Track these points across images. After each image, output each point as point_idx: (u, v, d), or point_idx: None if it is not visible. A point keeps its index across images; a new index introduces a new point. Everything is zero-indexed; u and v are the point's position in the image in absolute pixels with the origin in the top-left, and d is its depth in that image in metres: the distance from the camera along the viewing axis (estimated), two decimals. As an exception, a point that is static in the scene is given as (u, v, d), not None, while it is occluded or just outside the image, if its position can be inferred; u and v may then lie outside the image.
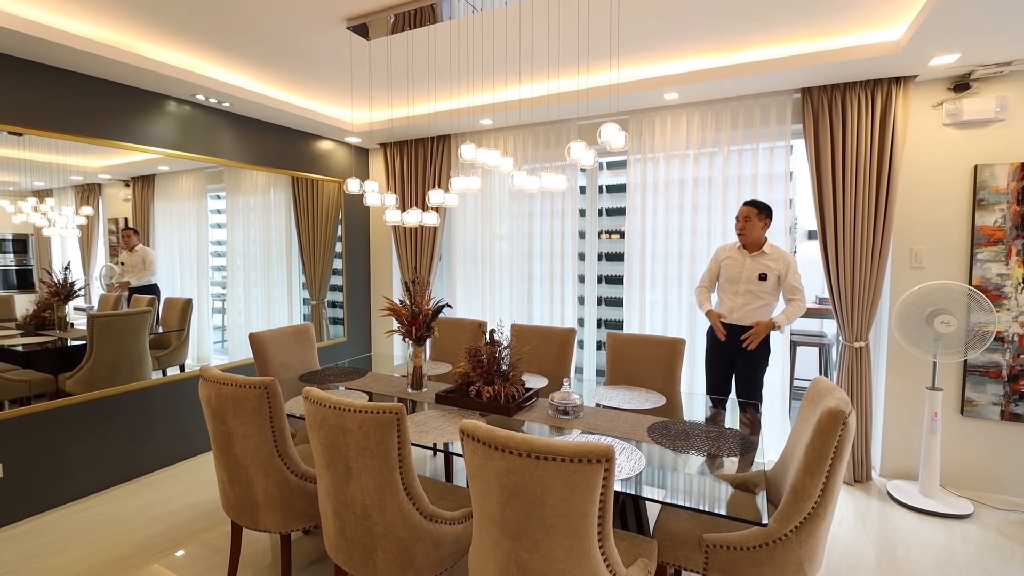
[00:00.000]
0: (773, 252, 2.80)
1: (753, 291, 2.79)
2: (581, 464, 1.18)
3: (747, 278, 2.81)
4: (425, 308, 2.40)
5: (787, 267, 2.76)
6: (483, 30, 2.59)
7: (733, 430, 1.98)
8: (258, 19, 2.48)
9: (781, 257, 2.79)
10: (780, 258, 2.79)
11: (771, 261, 2.79)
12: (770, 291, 2.79)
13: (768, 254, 2.80)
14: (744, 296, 2.82)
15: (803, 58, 2.82)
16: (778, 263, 2.78)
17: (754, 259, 2.81)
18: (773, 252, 2.80)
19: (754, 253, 2.83)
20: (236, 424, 1.84)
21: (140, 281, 3.29)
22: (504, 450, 1.24)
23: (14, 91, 2.58)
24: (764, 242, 2.83)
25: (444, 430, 1.98)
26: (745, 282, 2.81)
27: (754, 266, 2.80)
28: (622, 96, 3.28)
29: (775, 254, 2.80)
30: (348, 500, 1.59)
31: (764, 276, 2.77)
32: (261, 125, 3.87)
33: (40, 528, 2.59)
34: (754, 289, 2.79)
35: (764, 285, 2.77)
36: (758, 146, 3.26)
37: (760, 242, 2.83)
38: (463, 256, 4.39)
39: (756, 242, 2.82)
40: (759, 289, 2.78)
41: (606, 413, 2.15)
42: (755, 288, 2.79)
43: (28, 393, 2.70)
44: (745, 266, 2.82)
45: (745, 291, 2.81)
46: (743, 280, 2.82)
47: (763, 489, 1.59)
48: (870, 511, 2.78)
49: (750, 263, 2.82)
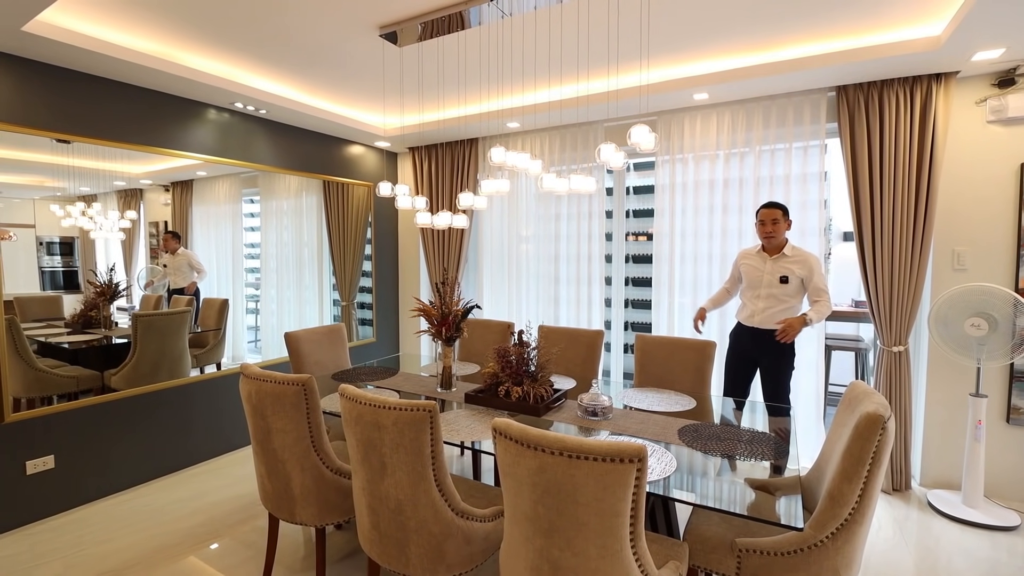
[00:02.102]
0: (795, 254, 2.75)
1: (775, 295, 2.74)
2: (614, 463, 1.19)
3: (768, 282, 2.76)
4: (455, 309, 2.43)
5: (810, 270, 2.69)
6: (512, 34, 2.62)
7: (766, 434, 1.95)
8: (295, 29, 2.56)
9: (804, 260, 2.72)
10: (803, 260, 2.72)
11: (792, 264, 2.72)
12: (793, 294, 2.72)
13: (789, 256, 2.74)
14: (766, 300, 2.77)
15: (838, 56, 2.76)
16: (800, 266, 2.71)
17: (775, 262, 2.76)
18: (795, 254, 2.75)
19: (775, 256, 2.77)
20: (275, 419, 1.90)
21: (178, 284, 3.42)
22: (537, 448, 1.26)
23: (64, 100, 2.72)
24: (785, 243, 2.79)
25: (474, 429, 2.00)
26: (766, 286, 2.76)
27: (775, 269, 2.75)
28: (650, 97, 3.27)
29: (797, 256, 2.74)
30: (382, 495, 1.63)
31: (785, 279, 2.71)
32: (295, 131, 3.98)
33: (89, 517, 2.71)
34: (776, 293, 2.74)
35: (786, 288, 2.72)
36: (791, 146, 3.20)
37: (782, 244, 2.78)
38: (490, 258, 4.43)
39: (779, 245, 2.78)
40: (781, 292, 2.73)
41: (635, 415, 2.15)
42: (777, 291, 2.74)
43: (76, 388, 2.83)
44: (766, 269, 2.77)
45: (767, 295, 2.76)
46: (764, 284, 2.77)
47: (798, 494, 1.56)
48: (909, 520, 2.69)
49: (771, 266, 2.76)
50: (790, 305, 2.74)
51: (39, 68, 2.61)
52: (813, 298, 2.72)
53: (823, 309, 2.67)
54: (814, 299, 2.71)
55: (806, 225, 3.20)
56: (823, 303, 2.68)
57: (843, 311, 3.92)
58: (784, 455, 1.78)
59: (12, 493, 2.57)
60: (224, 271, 3.63)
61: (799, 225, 3.21)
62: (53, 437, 2.71)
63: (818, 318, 2.67)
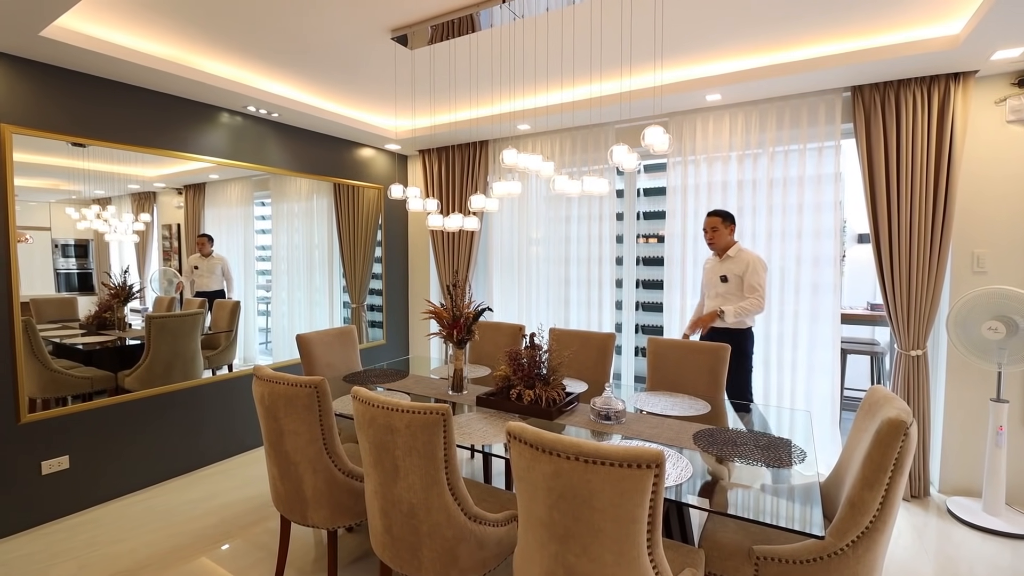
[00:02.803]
0: (737, 255, 2.95)
1: (721, 293, 2.96)
2: (631, 469, 1.17)
3: (715, 282, 3.00)
4: (466, 312, 2.42)
5: (746, 267, 2.89)
6: (524, 35, 2.61)
7: (783, 439, 1.92)
8: (307, 32, 2.57)
9: (743, 260, 2.92)
10: (743, 260, 2.92)
11: (733, 264, 2.93)
12: (735, 292, 2.92)
13: (732, 257, 2.95)
14: (714, 300, 3.00)
15: (854, 55, 2.72)
16: (739, 265, 2.91)
17: (722, 263, 2.99)
18: (737, 255, 2.95)
19: (722, 259, 3.00)
20: (287, 421, 1.90)
21: (209, 287, 3.46)
22: (552, 453, 1.24)
23: (80, 104, 2.75)
24: (730, 246, 2.98)
25: (486, 432, 1.99)
26: (713, 286, 3.01)
27: (719, 270, 2.99)
28: (663, 98, 3.24)
29: (739, 257, 2.94)
30: (395, 499, 1.62)
31: (725, 278, 2.95)
32: (306, 134, 4.00)
33: (103, 517, 2.73)
34: (721, 291, 2.97)
35: (728, 287, 2.94)
36: (805, 147, 3.17)
37: (727, 247, 2.98)
38: (500, 260, 4.42)
39: (724, 248, 2.98)
40: (724, 291, 2.95)
41: (649, 419, 2.12)
42: (721, 290, 2.96)
43: (90, 389, 2.85)
44: (715, 271, 3.02)
45: (715, 295, 3.00)
46: (713, 284, 3.02)
47: (817, 501, 1.53)
48: (928, 528, 2.64)
49: (718, 267, 3.00)
50: (732, 303, 2.91)
51: (56, 72, 2.64)
52: (745, 294, 2.89)
53: (746, 306, 2.84)
54: (745, 295, 2.89)
55: (821, 227, 3.16)
56: (749, 300, 2.85)
57: (858, 314, 3.87)
58: (802, 460, 1.75)
59: (28, 493, 2.59)
60: (236, 273, 3.65)
61: (814, 227, 3.18)
62: (68, 438, 2.73)
63: (734, 314, 2.84)
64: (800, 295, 3.22)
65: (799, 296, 3.22)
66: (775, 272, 3.28)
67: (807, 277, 3.20)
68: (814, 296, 3.19)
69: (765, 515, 1.46)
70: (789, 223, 3.23)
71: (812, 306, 3.20)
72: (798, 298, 3.23)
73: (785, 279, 3.25)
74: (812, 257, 3.18)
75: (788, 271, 3.25)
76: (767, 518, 1.44)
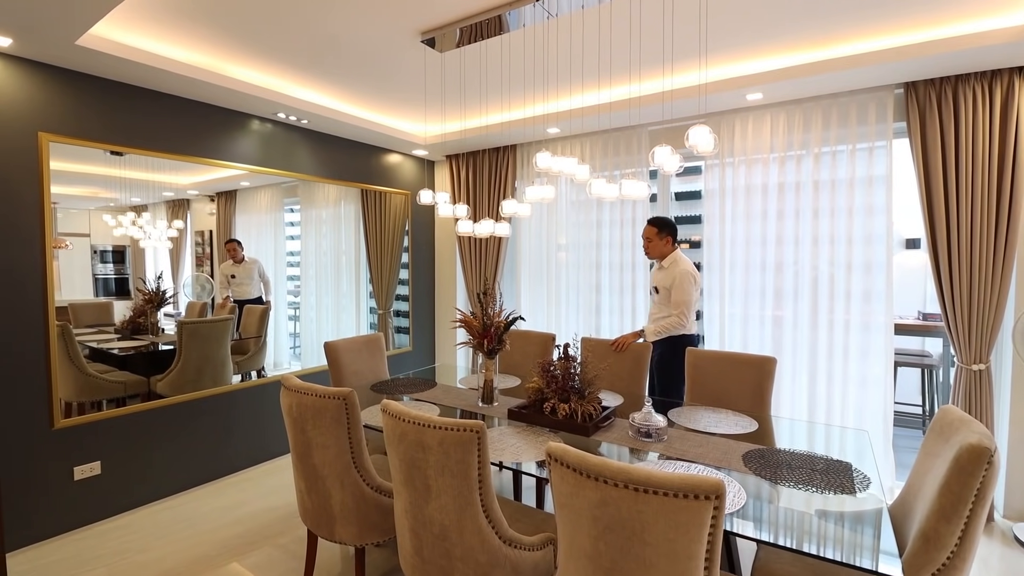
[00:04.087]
0: (669, 267, 2.91)
1: (656, 302, 2.98)
2: (687, 500, 1.06)
3: (650, 290, 3.03)
4: (496, 320, 2.34)
5: (671, 282, 2.86)
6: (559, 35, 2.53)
7: (842, 462, 1.77)
8: (337, 38, 2.54)
9: (671, 273, 2.88)
10: (671, 273, 2.88)
11: (664, 275, 2.92)
12: (665, 303, 2.89)
13: (665, 268, 2.93)
14: (651, 308, 3.01)
15: (908, 50, 2.56)
16: (668, 277, 2.88)
17: (657, 272, 2.99)
18: (669, 267, 2.91)
19: (660, 268, 2.99)
20: (315, 434, 1.84)
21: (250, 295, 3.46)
22: (598, 479, 1.14)
23: (116, 113, 2.77)
24: (666, 255, 2.95)
25: (519, 448, 1.90)
26: (650, 294, 3.05)
27: (653, 279, 3.01)
28: (699, 99, 3.12)
29: (670, 269, 2.90)
30: (426, 519, 1.54)
31: (656, 289, 2.95)
32: (334, 140, 3.99)
33: (132, 524, 2.73)
34: (655, 299, 2.99)
35: (658, 298, 2.94)
36: (855, 147, 2.99)
37: (663, 256, 2.96)
38: (528, 266, 4.33)
39: (659, 257, 2.97)
40: (658, 300, 2.95)
41: (693, 437, 2.00)
42: (656, 298, 2.98)
43: (124, 394, 2.87)
44: (651, 280, 3.03)
45: (652, 302, 3.03)
46: (650, 293, 3.06)
47: (884, 532, 1.39)
48: (992, 557, 2.44)
49: (653, 277, 3.02)
50: (666, 314, 2.89)
51: (91, 81, 2.67)
52: (670, 310, 2.86)
53: (667, 324, 2.82)
54: (670, 311, 2.86)
55: (872, 232, 2.98)
56: (669, 318, 2.83)
57: (909, 324, 3.65)
58: (866, 487, 1.60)
59: (60, 498, 2.60)
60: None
61: (864, 231, 3.00)
62: (100, 443, 2.75)
63: (655, 333, 2.83)
64: (851, 303, 3.03)
65: (849, 304, 3.04)
66: (823, 279, 3.11)
67: (858, 284, 3.02)
68: (865, 305, 3.01)
69: (827, 547, 1.33)
70: (838, 227, 3.05)
71: (863, 315, 3.02)
72: (848, 307, 3.04)
73: (835, 287, 3.08)
74: (863, 263, 3.00)
75: (837, 278, 3.07)
76: (831, 551, 1.31)
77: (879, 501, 1.54)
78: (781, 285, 3.20)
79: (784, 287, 3.19)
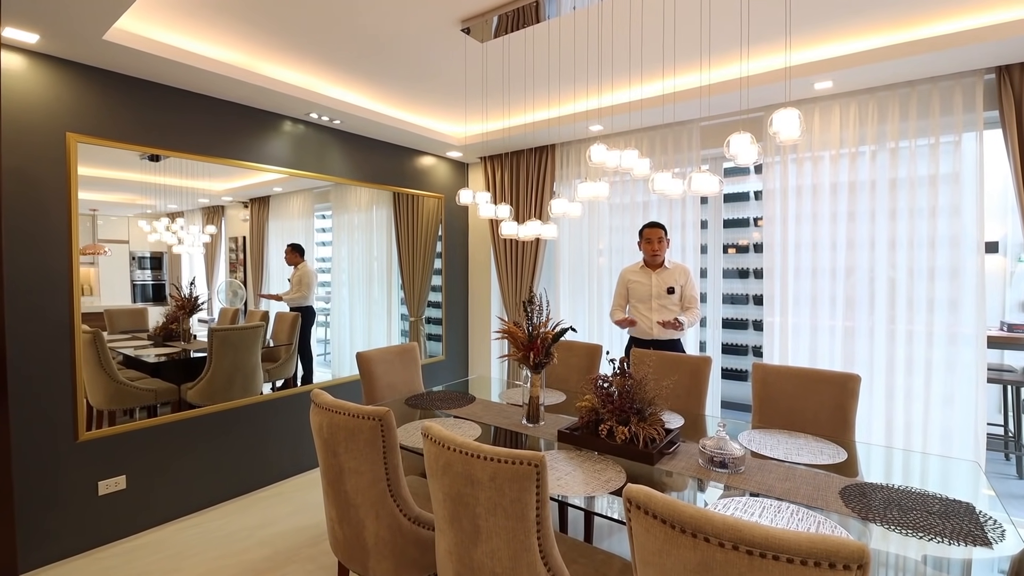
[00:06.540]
0: (673, 266, 3.07)
1: (665, 305, 3.03)
2: (820, 569, 0.83)
3: (656, 294, 3.04)
4: (543, 331, 2.13)
5: (686, 279, 3.04)
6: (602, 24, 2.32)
7: (961, 503, 1.49)
8: (373, 30, 2.39)
9: (681, 270, 3.06)
10: (681, 271, 3.05)
11: (674, 275, 3.04)
12: (677, 302, 3.03)
13: (670, 269, 3.06)
14: (658, 311, 3.04)
15: (999, 29, 2.27)
16: (679, 276, 3.03)
17: (659, 275, 3.06)
18: (673, 266, 3.07)
19: (657, 270, 3.06)
20: (348, 458, 1.66)
21: (296, 302, 3.39)
22: (697, 535, 0.92)
23: (147, 113, 2.69)
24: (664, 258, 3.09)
25: (575, 478, 1.67)
26: (656, 298, 3.05)
27: (661, 282, 3.04)
28: (756, 89, 2.85)
29: (676, 269, 3.06)
30: (475, 565, 1.34)
31: (672, 290, 3.02)
32: (367, 142, 3.87)
33: (159, 541, 2.61)
34: (665, 303, 3.03)
35: (672, 298, 3.02)
36: (938, 139, 2.69)
37: (663, 259, 3.08)
38: (567, 272, 4.11)
39: (661, 260, 3.07)
40: (669, 302, 3.03)
41: (774, 468, 1.73)
42: (666, 302, 3.03)
43: (154, 401, 2.77)
44: (653, 283, 3.06)
45: (659, 307, 3.04)
46: (653, 296, 3.06)
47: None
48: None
49: (656, 279, 3.05)
50: (675, 314, 3.02)
51: (120, 80, 2.58)
52: (686, 305, 3.03)
53: (694, 316, 2.99)
54: (686, 306, 3.03)
55: (960, 233, 2.66)
56: (694, 311, 3.01)
57: (997, 336, 3.28)
58: (1001, 538, 1.32)
59: (84, 514, 2.49)
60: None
61: (949, 233, 2.68)
62: (125, 456, 2.64)
63: (689, 323, 2.94)
64: (934, 313, 2.72)
65: (932, 314, 2.72)
66: (900, 286, 2.80)
67: (942, 292, 2.70)
68: (951, 314, 2.69)
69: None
70: (918, 229, 2.74)
71: (948, 326, 2.70)
72: (931, 317, 2.72)
73: (914, 295, 2.76)
74: (948, 269, 2.68)
75: (917, 286, 2.75)
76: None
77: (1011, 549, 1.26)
78: (853, 293, 2.90)
79: (857, 295, 2.89)
